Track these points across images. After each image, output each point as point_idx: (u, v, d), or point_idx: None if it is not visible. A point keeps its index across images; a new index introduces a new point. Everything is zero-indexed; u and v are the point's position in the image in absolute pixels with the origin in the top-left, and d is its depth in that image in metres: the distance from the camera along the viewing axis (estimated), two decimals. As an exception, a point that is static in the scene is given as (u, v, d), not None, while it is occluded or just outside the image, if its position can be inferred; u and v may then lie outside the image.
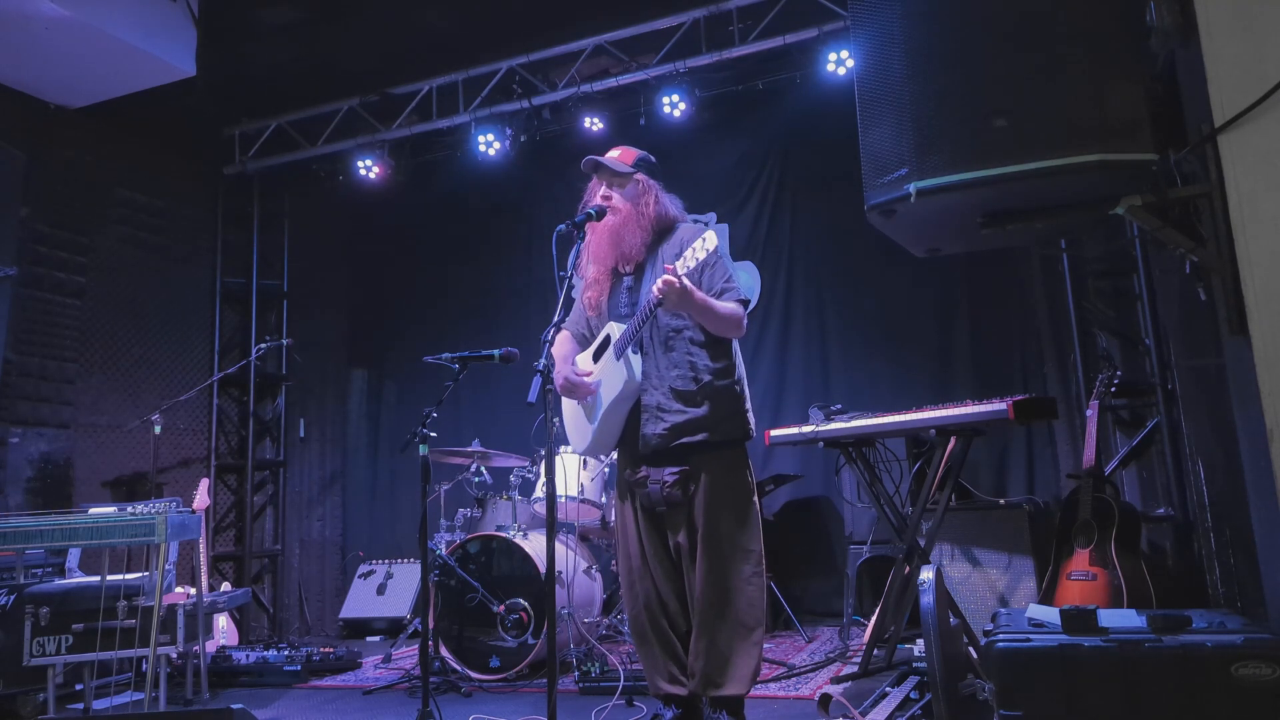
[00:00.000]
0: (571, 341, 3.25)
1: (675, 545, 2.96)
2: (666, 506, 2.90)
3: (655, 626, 2.98)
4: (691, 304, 2.75)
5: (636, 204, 3.06)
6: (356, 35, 5.63)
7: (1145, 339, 4.68)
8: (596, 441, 3.05)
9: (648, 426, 2.92)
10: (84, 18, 4.54)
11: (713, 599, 2.85)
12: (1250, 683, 1.96)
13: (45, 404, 5.27)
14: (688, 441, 2.90)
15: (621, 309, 3.07)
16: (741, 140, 6.09)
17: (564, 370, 3.03)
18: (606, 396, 2.96)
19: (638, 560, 3.04)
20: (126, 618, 3.56)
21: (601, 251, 3.08)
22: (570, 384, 3.01)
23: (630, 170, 3.10)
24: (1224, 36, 2.19)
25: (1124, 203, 2.31)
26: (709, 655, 2.85)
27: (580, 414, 3.14)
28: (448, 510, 5.08)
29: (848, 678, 3.68)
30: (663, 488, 2.88)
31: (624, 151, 3.17)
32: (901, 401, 4.05)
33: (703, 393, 2.91)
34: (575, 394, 3.06)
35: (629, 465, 3.06)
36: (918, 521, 3.75)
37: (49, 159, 5.34)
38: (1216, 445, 3.01)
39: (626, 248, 3.04)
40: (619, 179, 3.10)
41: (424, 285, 6.85)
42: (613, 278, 3.14)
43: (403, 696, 4.11)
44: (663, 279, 2.65)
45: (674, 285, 2.63)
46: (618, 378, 2.91)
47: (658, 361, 2.95)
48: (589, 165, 3.15)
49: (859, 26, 2.66)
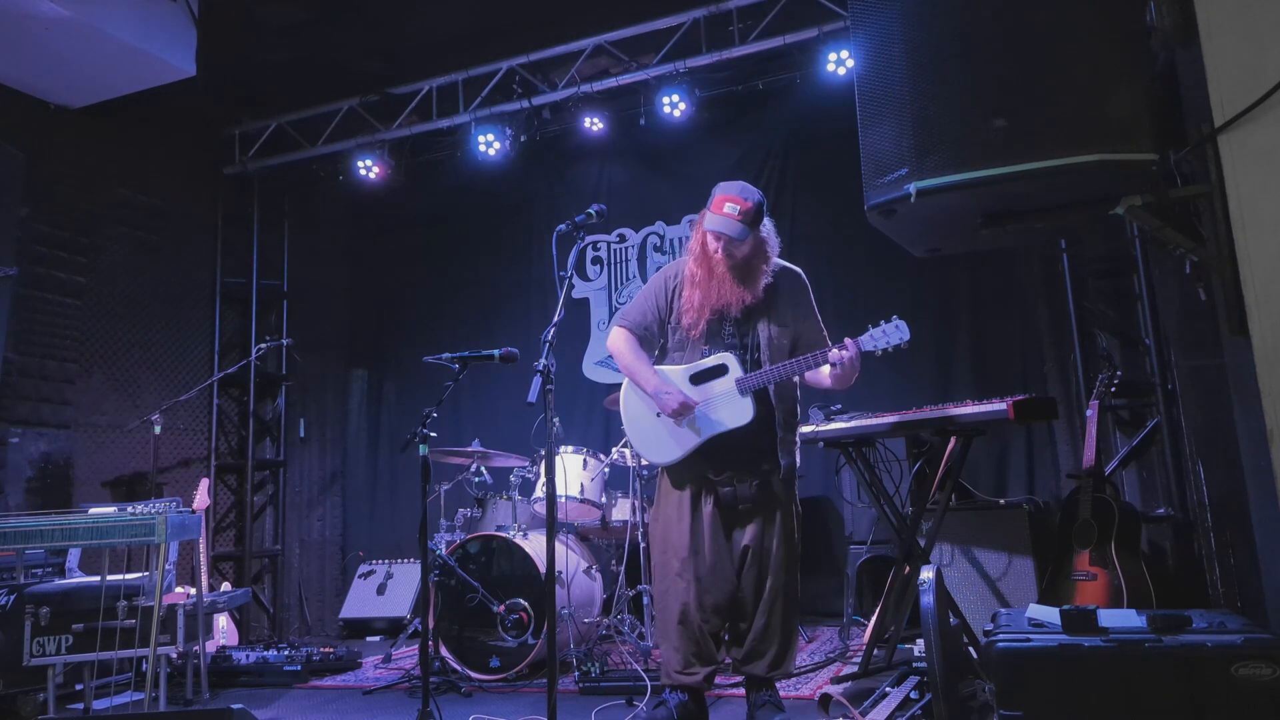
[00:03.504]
0: (638, 344, 3.33)
1: (743, 544, 3.19)
2: (751, 504, 3.17)
3: (701, 612, 3.15)
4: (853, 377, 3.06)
5: (756, 259, 3.19)
6: (356, 35, 5.64)
7: (1145, 339, 4.68)
8: (689, 458, 3.20)
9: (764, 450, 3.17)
10: (84, 18, 4.54)
11: (782, 593, 3.15)
12: (1250, 683, 1.96)
13: (45, 404, 5.27)
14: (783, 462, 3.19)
15: (726, 338, 3.22)
16: (741, 140, 6.09)
17: (677, 394, 3.14)
18: (720, 424, 3.13)
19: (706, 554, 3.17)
20: (126, 618, 3.56)
21: (719, 295, 3.17)
22: (686, 409, 3.14)
23: (750, 233, 3.12)
24: (1224, 36, 2.19)
25: (1124, 203, 2.31)
26: (782, 639, 3.17)
27: (665, 427, 3.21)
28: (448, 510, 5.08)
29: (848, 678, 3.68)
30: (751, 486, 3.16)
31: (741, 205, 3.10)
32: (901, 401, 4.05)
33: (795, 424, 3.29)
34: (679, 414, 3.16)
35: (709, 469, 3.19)
36: (918, 521, 3.75)
37: (49, 159, 5.34)
38: (1216, 445, 3.01)
39: (748, 296, 3.18)
40: (736, 243, 3.13)
41: (424, 285, 6.85)
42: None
43: (403, 696, 4.11)
44: (845, 355, 2.98)
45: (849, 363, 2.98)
46: (741, 413, 3.10)
47: (772, 400, 3.18)
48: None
49: (859, 26, 2.66)
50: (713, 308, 3.18)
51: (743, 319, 3.21)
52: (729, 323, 3.22)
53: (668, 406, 3.14)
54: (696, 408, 3.15)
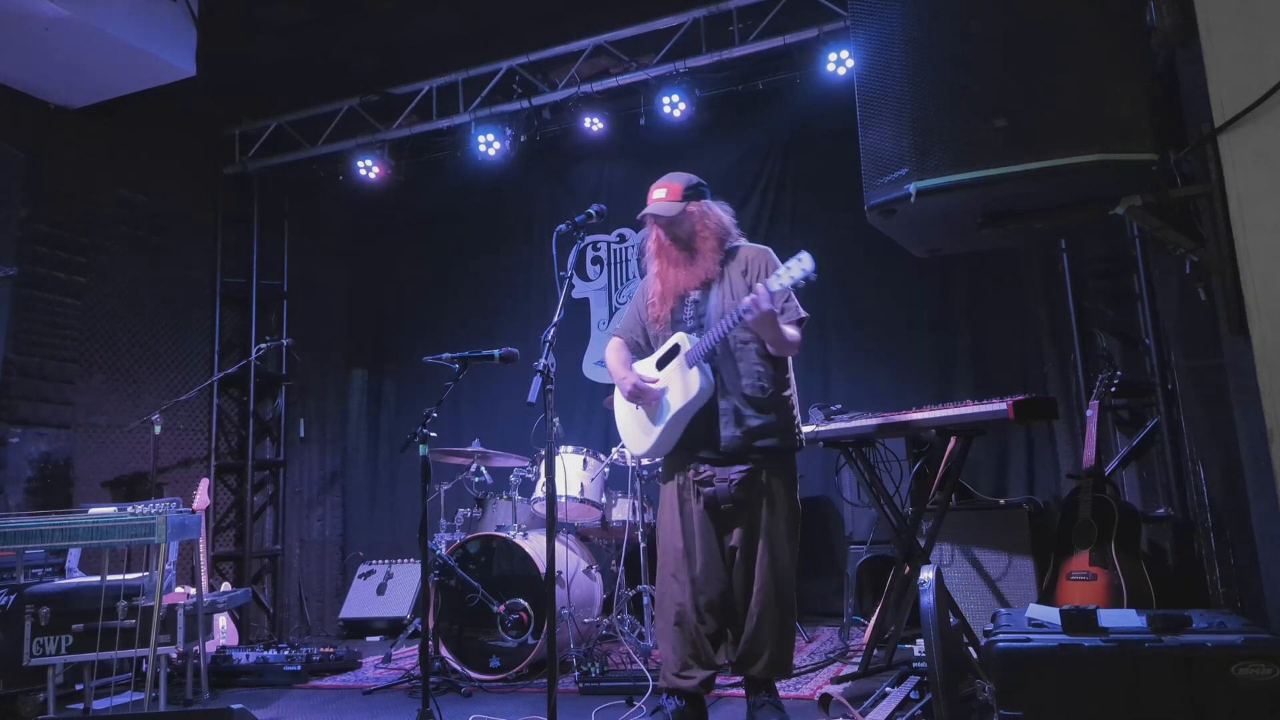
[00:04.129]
0: (625, 349, 3.38)
1: (730, 545, 3.14)
2: (733, 504, 3.09)
3: (696, 613, 3.12)
4: (773, 328, 2.96)
5: (701, 233, 3.19)
6: (356, 35, 5.64)
7: (1145, 339, 4.68)
8: (659, 444, 3.19)
9: (726, 429, 3.11)
10: (84, 18, 4.54)
11: (772, 593, 3.07)
12: (1250, 683, 1.96)
13: (45, 404, 5.26)
14: (762, 445, 3.10)
15: (686, 321, 3.20)
16: (741, 140, 6.10)
17: (631, 377, 3.18)
18: (675, 403, 3.09)
19: (697, 554, 3.15)
20: (126, 618, 3.56)
21: (675, 279, 3.20)
22: (639, 390, 3.15)
23: (681, 208, 3.16)
24: (1224, 36, 2.19)
25: (1124, 203, 2.31)
26: (777, 640, 3.09)
27: (641, 418, 3.24)
28: (448, 510, 5.08)
29: (848, 678, 3.68)
30: (730, 485, 3.08)
31: (669, 188, 3.21)
32: (901, 401, 4.05)
33: (770, 401, 3.14)
34: (642, 400, 3.18)
35: (691, 465, 3.17)
36: (918, 521, 3.75)
37: (49, 159, 5.34)
38: (1216, 445, 3.00)
39: (701, 272, 3.17)
40: (673, 223, 3.19)
41: (424, 285, 6.84)
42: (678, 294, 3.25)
43: (403, 696, 4.11)
44: (754, 298, 2.85)
45: (762, 308, 2.85)
46: (690, 385, 3.05)
47: (729, 370, 3.13)
48: (645, 219, 3.25)
49: (859, 26, 2.66)
50: (675, 294, 3.21)
51: (703, 299, 3.20)
52: (689, 305, 3.22)
53: (624, 390, 3.18)
54: (663, 394, 3.14)
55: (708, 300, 3.18)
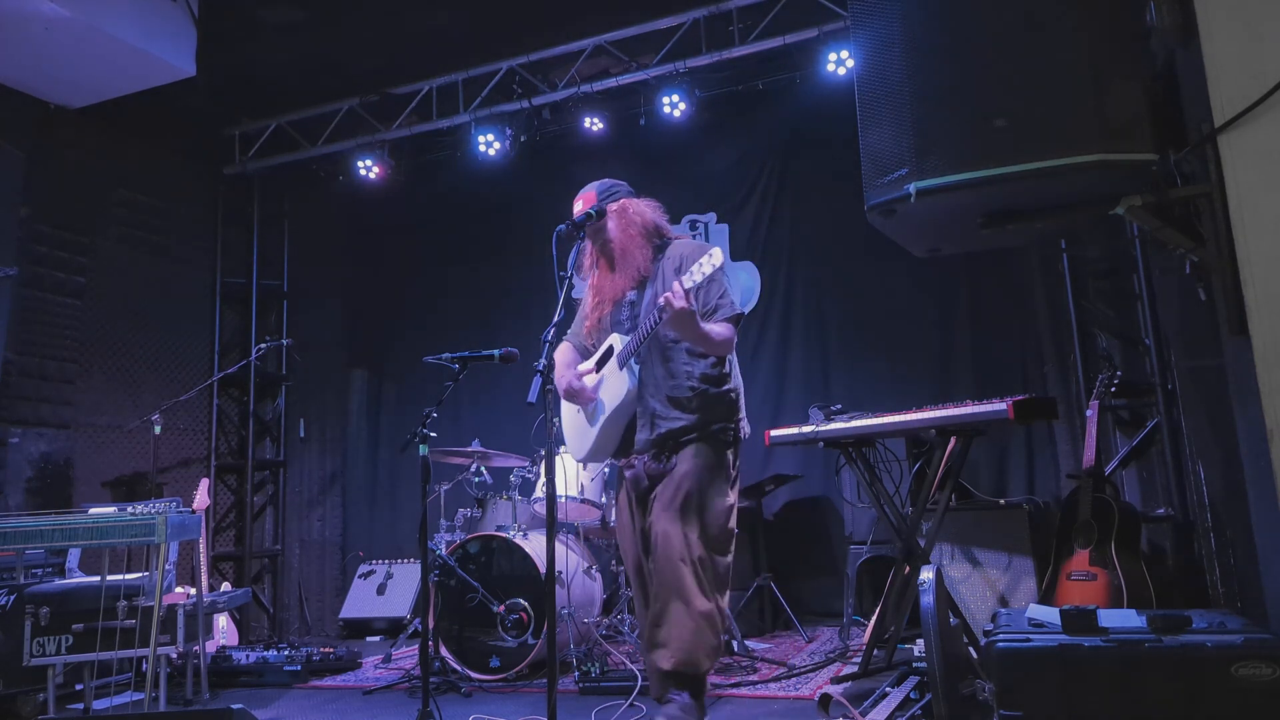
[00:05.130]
0: (573, 352, 3.36)
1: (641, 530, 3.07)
2: (649, 481, 3.02)
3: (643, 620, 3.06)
4: (690, 326, 2.81)
5: (624, 232, 3.14)
6: (356, 35, 5.63)
7: (1145, 339, 4.68)
8: (596, 448, 3.15)
9: (641, 432, 3.07)
10: (84, 18, 4.54)
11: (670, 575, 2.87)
12: (1250, 683, 1.96)
13: (45, 404, 5.26)
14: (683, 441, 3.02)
15: (624, 322, 3.16)
16: (741, 140, 6.09)
17: (567, 376, 3.14)
18: (608, 404, 3.06)
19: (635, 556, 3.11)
20: (126, 618, 3.56)
21: (609, 286, 3.17)
22: (572, 389, 3.12)
23: (595, 210, 3.12)
24: (1224, 36, 2.19)
25: (1124, 203, 2.31)
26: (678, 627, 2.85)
27: (581, 420, 3.21)
28: (448, 510, 5.08)
29: (848, 678, 3.68)
30: (644, 464, 3.05)
31: (584, 199, 3.20)
32: (901, 401, 4.04)
33: (697, 400, 3.03)
34: (577, 399, 3.15)
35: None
36: (918, 521, 3.75)
37: (49, 159, 5.33)
38: (1216, 445, 3.00)
39: (633, 271, 3.13)
40: (594, 225, 3.14)
41: (424, 285, 6.84)
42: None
43: (403, 696, 4.11)
44: (666, 296, 2.71)
45: (675, 306, 2.69)
46: (620, 386, 3.02)
47: (655, 371, 3.06)
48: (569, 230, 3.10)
49: (859, 26, 2.66)
50: (611, 300, 3.19)
51: (638, 299, 3.18)
52: (625, 306, 3.19)
53: (560, 388, 3.13)
54: (598, 397, 3.11)
55: (642, 299, 3.15)
